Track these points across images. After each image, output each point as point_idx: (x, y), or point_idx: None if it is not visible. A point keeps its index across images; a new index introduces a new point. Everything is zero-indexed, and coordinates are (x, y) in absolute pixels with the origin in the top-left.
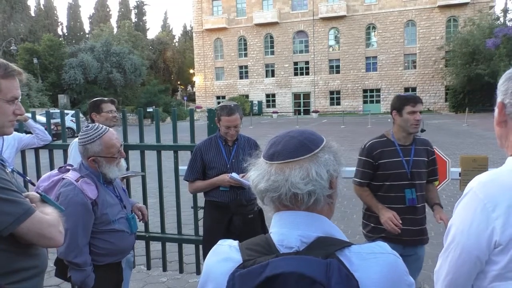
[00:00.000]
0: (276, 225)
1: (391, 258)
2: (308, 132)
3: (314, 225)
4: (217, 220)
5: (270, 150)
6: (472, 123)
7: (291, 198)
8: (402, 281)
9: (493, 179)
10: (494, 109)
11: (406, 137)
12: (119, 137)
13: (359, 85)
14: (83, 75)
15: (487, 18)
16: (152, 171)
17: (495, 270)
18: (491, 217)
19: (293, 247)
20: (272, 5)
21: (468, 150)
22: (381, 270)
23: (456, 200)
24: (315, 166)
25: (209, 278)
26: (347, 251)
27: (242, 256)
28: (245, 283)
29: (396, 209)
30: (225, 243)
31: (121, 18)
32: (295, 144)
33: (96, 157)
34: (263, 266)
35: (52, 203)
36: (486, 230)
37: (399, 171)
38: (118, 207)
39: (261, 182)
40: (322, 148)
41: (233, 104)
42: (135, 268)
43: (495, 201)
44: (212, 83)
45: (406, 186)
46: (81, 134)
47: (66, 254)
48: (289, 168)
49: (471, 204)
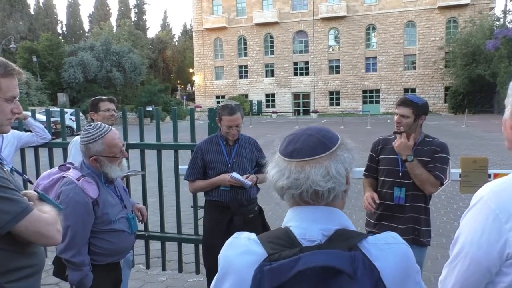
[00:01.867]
0: (295, 219)
1: (404, 248)
2: (325, 129)
3: (333, 219)
4: (218, 220)
5: (289, 148)
6: (471, 124)
7: (312, 194)
8: (412, 268)
9: (506, 188)
10: (493, 110)
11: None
12: (121, 136)
13: (358, 85)
14: (82, 73)
15: (487, 19)
16: (152, 170)
17: (505, 282)
18: (504, 228)
19: (315, 240)
20: (272, 4)
21: (468, 151)
22: (396, 259)
23: (455, 202)
24: (333, 164)
25: (230, 271)
26: (365, 242)
27: (266, 250)
28: (275, 277)
29: (385, 205)
30: (243, 236)
31: (121, 17)
32: (314, 142)
33: (98, 156)
34: (294, 260)
35: (50, 202)
36: (499, 241)
37: (392, 168)
38: (118, 206)
39: (281, 179)
40: (339, 146)
41: (234, 104)
42: (134, 267)
43: (509, 211)
44: (212, 83)
45: (396, 184)
46: (83, 133)
47: (64, 252)
48: (309, 165)
49: (481, 214)
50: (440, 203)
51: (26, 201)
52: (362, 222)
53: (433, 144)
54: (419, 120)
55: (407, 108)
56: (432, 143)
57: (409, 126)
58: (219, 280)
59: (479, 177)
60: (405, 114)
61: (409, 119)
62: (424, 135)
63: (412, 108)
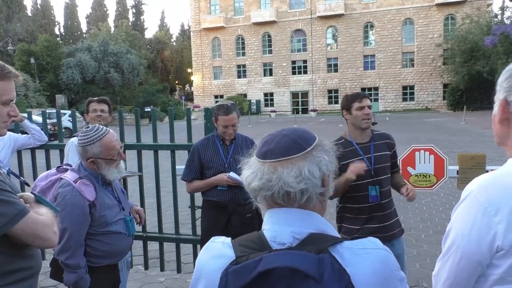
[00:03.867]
0: (268, 222)
1: (382, 254)
2: (301, 130)
3: (307, 222)
4: (215, 220)
5: (263, 149)
6: (470, 121)
7: (283, 196)
8: (393, 275)
9: (494, 182)
10: (492, 107)
11: (361, 134)
12: (118, 138)
13: (357, 83)
14: (80, 75)
15: (485, 15)
16: (149, 171)
17: (496, 274)
18: (493, 221)
19: (286, 243)
20: (270, 3)
21: (466, 148)
22: (373, 265)
23: (454, 198)
24: (307, 165)
25: (202, 274)
26: (339, 246)
27: (235, 253)
28: (238, 279)
29: (363, 209)
30: (218, 240)
31: (118, 18)
32: (287, 143)
33: (95, 158)
34: (256, 261)
35: (46, 204)
36: (488, 234)
37: None
38: (116, 209)
39: (254, 180)
40: (315, 147)
41: (230, 103)
42: (132, 268)
43: (497, 205)
44: (210, 82)
45: (370, 183)
46: (80, 135)
47: (59, 254)
48: (282, 166)
49: (471, 208)
50: (439, 200)
51: (23, 204)
52: None
53: (383, 137)
54: None
55: (368, 99)
56: (382, 135)
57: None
58: (193, 284)
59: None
60: (370, 105)
61: (371, 109)
62: (370, 129)
63: (369, 98)
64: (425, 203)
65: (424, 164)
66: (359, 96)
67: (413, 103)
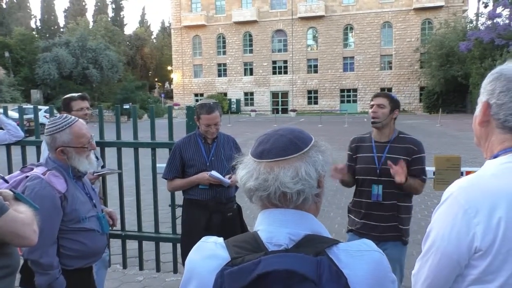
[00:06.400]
0: (263, 222)
1: (376, 256)
2: (297, 130)
3: (303, 223)
4: (196, 218)
5: (259, 148)
6: (445, 124)
7: (280, 197)
8: (386, 277)
9: (474, 184)
10: (466, 110)
11: (378, 133)
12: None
13: (336, 84)
14: (57, 70)
15: (461, 21)
16: (129, 169)
17: (474, 274)
18: (472, 222)
19: (282, 245)
20: (251, 3)
21: (442, 149)
22: (368, 267)
23: (429, 199)
24: (304, 165)
25: (193, 275)
26: (335, 248)
27: (230, 254)
28: (235, 281)
29: (364, 203)
30: (210, 240)
31: (97, 13)
32: (284, 143)
33: (65, 147)
34: (255, 263)
35: (26, 201)
36: (467, 235)
37: (369, 166)
38: (88, 205)
39: (250, 180)
40: (311, 147)
41: (212, 102)
42: (110, 267)
43: (477, 206)
44: (190, 81)
45: (374, 182)
46: (48, 124)
47: (30, 253)
48: (279, 166)
49: (451, 209)
50: (414, 200)
51: (1, 201)
52: (341, 219)
53: (407, 141)
54: (393, 113)
55: (384, 98)
56: (406, 140)
57: (385, 116)
58: (184, 284)
59: (452, 175)
60: (381, 103)
61: (385, 109)
62: (398, 131)
63: (388, 98)
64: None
65: None
66: (375, 95)
67: None
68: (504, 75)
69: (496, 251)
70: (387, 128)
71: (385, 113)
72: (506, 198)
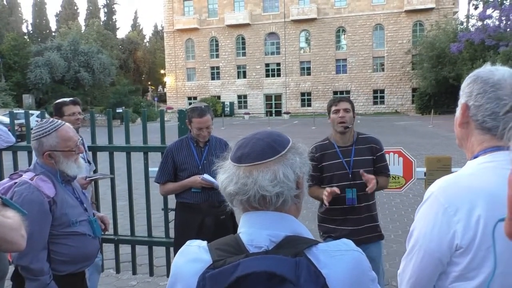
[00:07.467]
0: (245, 225)
1: (355, 255)
2: (275, 133)
3: (283, 225)
4: (189, 222)
5: (238, 153)
6: (437, 125)
7: (259, 200)
8: (366, 276)
9: (453, 183)
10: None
11: (342, 137)
12: (75, 132)
13: (329, 87)
14: (49, 74)
15: (451, 22)
16: (121, 173)
17: (456, 271)
18: (452, 221)
19: (262, 247)
20: (244, 6)
21: (434, 150)
22: (347, 266)
23: (421, 199)
24: (282, 168)
25: (178, 279)
26: (315, 249)
27: (212, 257)
28: (216, 284)
29: (339, 210)
30: (194, 244)
31: (89, 17)
32: (262, 146)
33: (52, 151)
34: (234, 266)
35: (14, 207)
36: (448, 233)
37: (341, 172)
38: (79, 208)
39: (230, 185)
40: (289, 150)
41: (203, 106)
42: (103, 272)
43: (456, 205)
44: (184, 84)
45: (347, 186)
46: (35, 128)
47: (20, 259)
48: (257, 170)
49: (432, 208)
50: (408, 201)
51: None
52: None
53: (369, 141)
54: (355, 116)
55: (347, 102)
56: (368, 139)
57: (351, 120)
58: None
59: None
60: (347, 108)
61: (350, 112)
62: (357, 132)
63: (350, 102)
64: (394, 204)
65: (394, 166)
66: (336, 99)
67: (383, 107)
68: (481, 78)
69: (476, 248)
70: (350, 131)
71: (351, 117)
72: (484, 196)
